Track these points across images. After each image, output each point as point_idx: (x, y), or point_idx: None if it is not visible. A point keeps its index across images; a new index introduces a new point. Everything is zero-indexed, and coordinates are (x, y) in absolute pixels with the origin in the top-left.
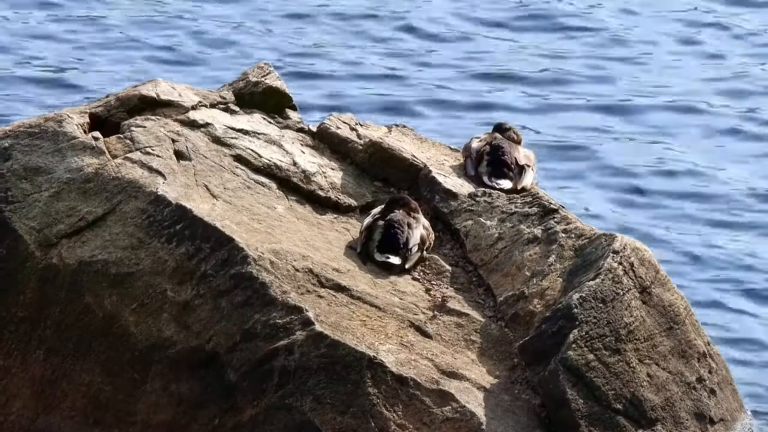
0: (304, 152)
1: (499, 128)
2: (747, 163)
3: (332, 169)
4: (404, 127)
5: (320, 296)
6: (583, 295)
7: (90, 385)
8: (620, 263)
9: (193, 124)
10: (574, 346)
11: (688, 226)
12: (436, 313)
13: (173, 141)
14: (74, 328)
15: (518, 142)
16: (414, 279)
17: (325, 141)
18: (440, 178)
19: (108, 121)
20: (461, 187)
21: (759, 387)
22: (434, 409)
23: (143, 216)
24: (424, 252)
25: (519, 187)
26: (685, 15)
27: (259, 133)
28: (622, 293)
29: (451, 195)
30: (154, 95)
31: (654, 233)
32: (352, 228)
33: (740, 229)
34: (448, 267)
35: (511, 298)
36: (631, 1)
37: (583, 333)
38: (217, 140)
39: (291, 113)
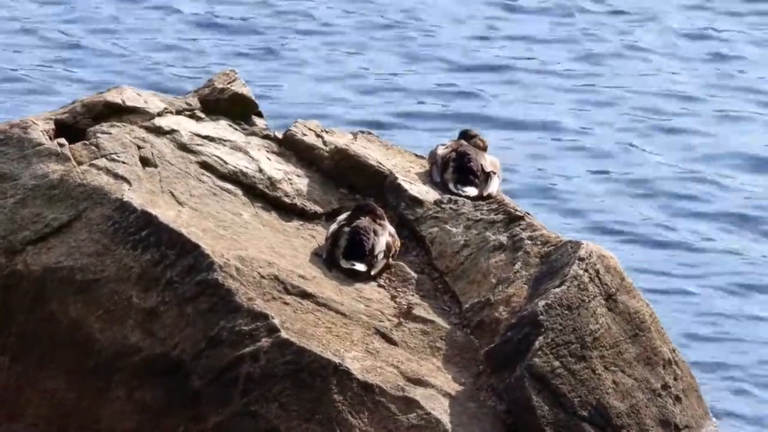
0: (269, 159)
1: (465, 135)
2: None
3: (298, 176)
4: (370, 134)
5: (286, 303)
6: (549, 302)
7: (54, 392)
8: (586, 270)
9: (158, 131)
10: (539, 353)
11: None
12: (401, 320)
13: (139, 147)
14: (39, 336)
15: (484, 149)
16: (379, 286)
17: (291, 148)
18: (406, 185)
19: (73, 127)
20: (427, 194)
21: (724, 394)
22: (400, 416)
23: (109, 222)
24: (390, 259)
25: (485, 194)
26: None
27: (224, 140)
28: (587, 300)
29: (417, 202)
30: (120, 102)
31: None
32: (318, 235)
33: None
34: (413, 274)
35: (477, 305)
36: None
37: (549, 340)
38: (182, 147)
39: (257, 120)
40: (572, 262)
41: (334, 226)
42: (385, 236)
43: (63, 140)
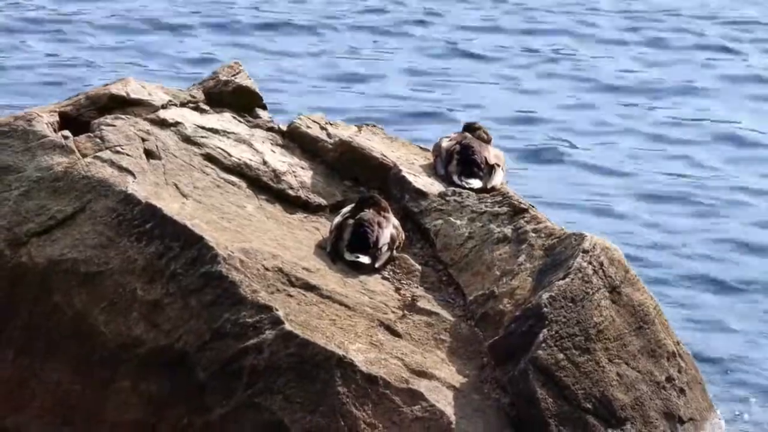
0: (274, 151)
1: (469, 128)
2: None
3: (302, 168)
4: (374, 126)
5: (290, 295)
6: (553, 294)
7: (59, 384)
8: (590, 263)
9: (163, 123)
10: (543, 345)
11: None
12: (405, 312)
13: (143, 140)
14: (44, 328)
15: (488, 142)
16: (384, 278)
17: (295, 140)
18: (410, 178)
19: (78, 119)
20: (431, 186)
21: (728, 386)
22: (404, 408)
23: (113, 215)
24: (394, 251)
25: (489, 187)
26: None
27: (229, 132)
28: (591, 293)
29: (421, 194)
30: (124, 94)
31: None
32: (322, 227)
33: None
34: (417, 266)
35: (481, 298)
36: None
37: (553, 332)
38: (186, 139)
39: (261, 112)
40: (576, 254)
41: (338, 219)
42: (389, 228)
43: (67, 132)
